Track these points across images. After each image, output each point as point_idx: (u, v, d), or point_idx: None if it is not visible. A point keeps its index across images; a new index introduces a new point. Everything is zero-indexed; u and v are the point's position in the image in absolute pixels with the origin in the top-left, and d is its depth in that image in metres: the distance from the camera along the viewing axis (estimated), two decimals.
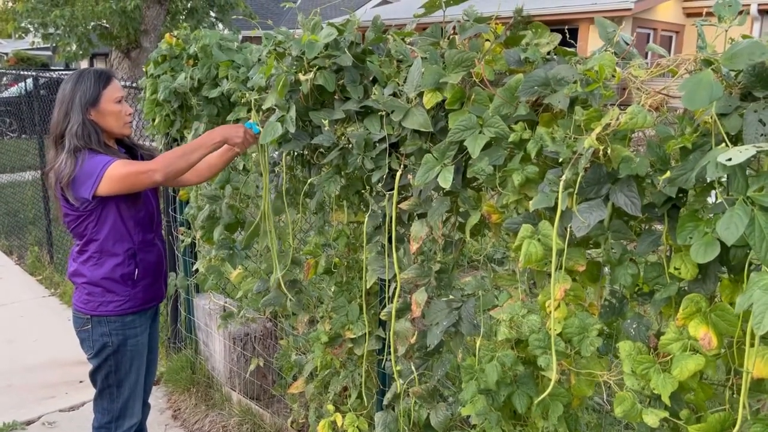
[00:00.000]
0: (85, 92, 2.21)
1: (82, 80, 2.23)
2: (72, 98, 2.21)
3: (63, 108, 2.21)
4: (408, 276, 2.00)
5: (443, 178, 1.69)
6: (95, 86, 2.23)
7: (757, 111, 1.19)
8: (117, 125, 2.28)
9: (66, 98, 2.22)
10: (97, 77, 2.25)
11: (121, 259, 2.30)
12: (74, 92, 2.21)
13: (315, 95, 2.12)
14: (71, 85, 2.23)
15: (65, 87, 2.24)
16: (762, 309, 1.04)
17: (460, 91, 1.70)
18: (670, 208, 1.39)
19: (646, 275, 1.45)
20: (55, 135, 2.22)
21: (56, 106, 2.23)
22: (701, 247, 1.24)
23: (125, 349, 2.34)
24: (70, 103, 2.20)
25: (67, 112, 2.20)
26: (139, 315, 2.38)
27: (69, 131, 2.17)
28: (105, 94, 2.24)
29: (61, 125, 2.20)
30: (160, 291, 2.51)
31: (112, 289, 2.30)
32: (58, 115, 2.22)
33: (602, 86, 1.43)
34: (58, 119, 2.22)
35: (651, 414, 1.37)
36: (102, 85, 2.24)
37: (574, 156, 1.41)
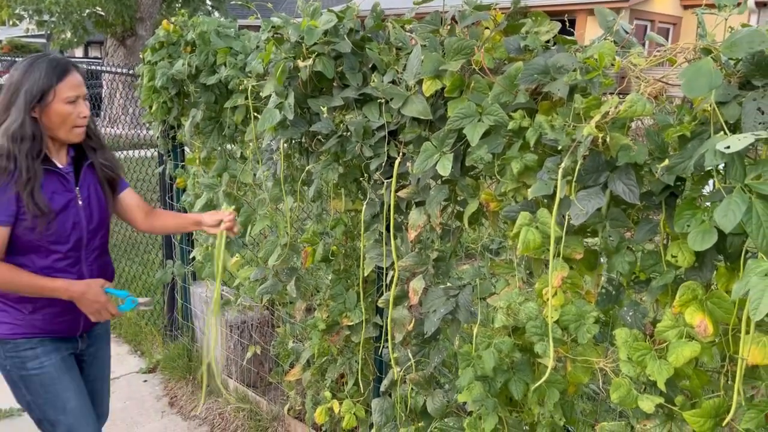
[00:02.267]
0: (33, 85, 1.84)
1: (33, 69, 1.86)
2: (17, 89, 1.85)
3: (5, 99, 1.86)
4: (406, 264, 2.00)
5: (442, 166, 1.69)
6: (46, 78, 1.85)
7: (756, 99, 1.20)
8: (63, 130, 1.91)
9: (11, 88, 1.87)
10: (51, 68, 1.87)
11: None
12: (21, 82, 1.85)
13: (314, 82, 2.12)
14: (20, 73, 1.87)
15: (13, 74, 1.88)
16: (758, 295, 1.05)
17: (459, 78, 1.70)
18: (668, 196, 1.40)
19: (643, 263, 1.45)
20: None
21: (2, 92, 1.89)
22: (698, 235, 1.25)
23: (28, 375, 1.97)
24: (14, 94, 1.85)
25: (8, 105, 1.85)
26: (39, 339, 1.99)
27: (3, 129, 1.84)
28: (57, 90, 1.86)
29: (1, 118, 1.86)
30: (72, 326, 2.05)
31: (4, 309, 1.97)
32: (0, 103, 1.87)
33: (602, 74, 1.43)
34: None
35: (646, 400, 1.38)
36: (56, 78, 1.86)
37: (573, 144, 1.42)
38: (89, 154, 2.05)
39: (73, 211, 1.98)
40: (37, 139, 1.87)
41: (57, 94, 1.86)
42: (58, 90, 1.87)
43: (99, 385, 2.27)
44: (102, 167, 2.08)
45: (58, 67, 1.89)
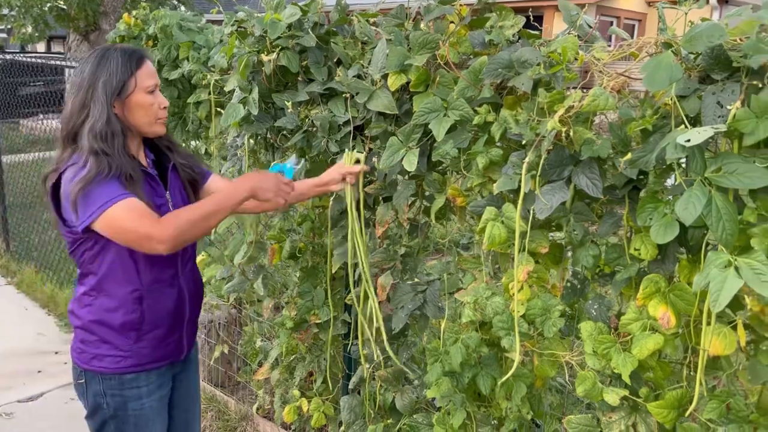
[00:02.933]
0: (111, 77, 1.66)
1: (107, 61, 1.67)
2: (93, 84, 1.65)
3: (80, 97, 1.66)
4: (374, 260, 1.99)
5: (408, 161, 1.68)
6: (124, 69, 1.67)
7: (715, 93, 1.21)
8: (147, 122, 1.72)
9: (84, 84, 1.66)
10: (126, 57, 1.69)
11: (122, 302, 1.71)
12: (96, 77, 1.66)
13: (278, 76, 2.09)
14: (92, 66, 1.67)
15: (84, 69, 1.69)
16: (718, 287, 1.06)
17: (425, 73, 1.69)
18: (631, 189, 1.40)
19: (607, 256, 1.46)
20: (67, 131, 1.67)
21: (70, 94, 1.70)
22: (660, 228, 1.25)
23: (126, 414, 1.77)
24: (90, 90, 1.65)
25: (85, 102, 1.65)
26: (146, 374, 1.79)
27: (88, 128, 1.62)
28: (137, 79, 1.69)
29: (76, 119, 1.65)
30: (178, 347, 1.85)
31: (108, 339, 1.73)
32: (73, 105, 1.67)
33: (565, 69, 1.43)
34: (72, 111, 1.67)
35: (611, 393, 1.39)
36: (133, 67, 1.69)
37: (537, 138, 1.42)
38: (169, 155, 1.85)
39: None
40: (126, 135, 1.68)
41: (138, 83, 1.69)
42: (138, 79, 1.69)
43: (191, 415, 2.03)
44: (183, 168, 1.87)
45: (134, 55, 1.72)
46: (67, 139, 1.68)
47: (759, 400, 1.34)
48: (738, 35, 1.23)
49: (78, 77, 1.69)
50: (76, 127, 1.65)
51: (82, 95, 1.66)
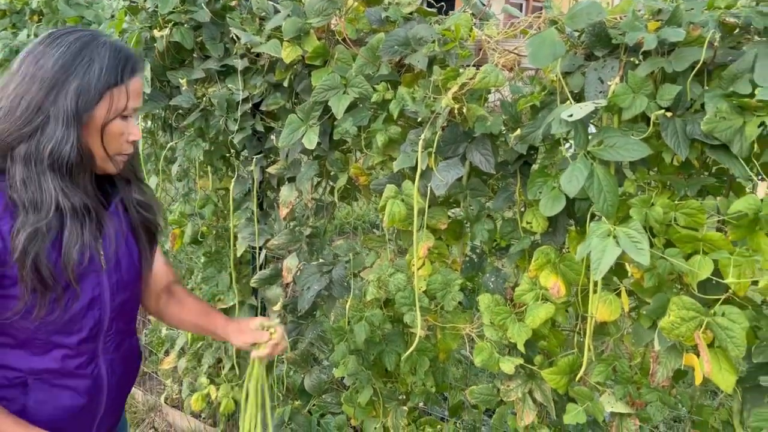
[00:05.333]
0: (90, 82, 1.13)
1: (90, 56, 1.14)
2: (60, 85, 1.12)
3: (33, 96, 1.12)
4: (279, 242, 1.95)
5: (308, 139, 1.65)
6: (110, 75, 1.15)
7: (597, 69, 1.25)
8: (103, 156, 1.21)
9: (46, 79, 1.12)
10: (118, 58, 1.17)
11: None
12: (67, 74, 1.12)
13: (172, 53, 1.99)
14: (64, 56, 1.13)
15: (47, 54, 1.13)
16: (599, 255, 1.11)
17: (322, 47, 1.66)
18: (522, 165, 1.44)
19: (502, 230, 1.50)
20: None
21: (10, 82, 1.14)
22: (549, 201, 1.30)
23: None
24: (53, 92, 1.12)
25: (41, 107, 1.12)
26: None
27: (43, 144, 1.12)
28: (121, 96, 1.18)
29: (16, 127, 1.12)
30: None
31: None
32: (13, 103, 1.13)
33: (458, 46, 1.44)
34: (10, 111, 1.13)
35: (507, 362, 1.44)
36: (125, 75, 1.18)
37: (433, 116, 1.43)
38: (119, 187, 1.33)
39: (93, 278, 1.24)
40: (82, 169, 1.18)
41: (120, 101, 1.18)
42: (124, 95, 1.18)
43: None
44: (137, 207, 1.35)
45: (129, 58, 1.19)
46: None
47: (642, 361, 1.42)
48: (618, 13, 1.28)
49: (33, 63, 1.13)
50: (12, 140, 1.12)
51: (39, 96, 1.12)
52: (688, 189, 1.22)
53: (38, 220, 1.13)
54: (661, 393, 1.32)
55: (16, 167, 1.13)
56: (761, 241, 1.08)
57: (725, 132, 1.11)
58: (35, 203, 1.13)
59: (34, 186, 1.13)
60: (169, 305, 1.52)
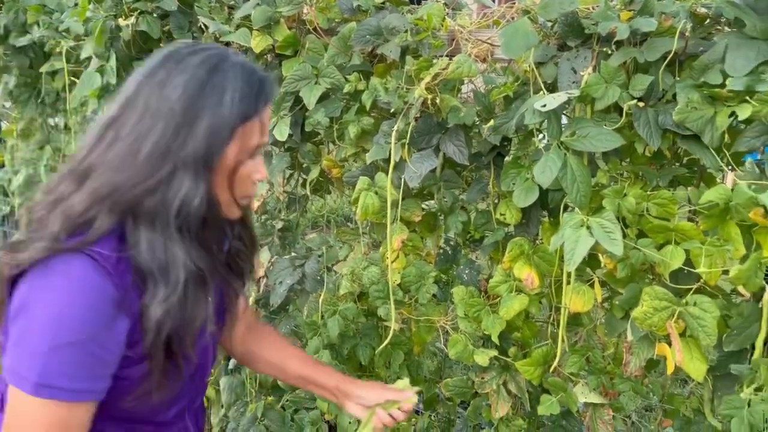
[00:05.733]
0: (223, 113, 0.90)
1: (222, 81, 0.91)
2: (190, 120, 0.89)
3: (163, 136, 0.89)
4: None
5: (279, 131, 1.62)
6: (246, 104, 0.92)
7: (570, 60, 1.25)
8: (226, 202, 0.98)
9: (171, 114, 0.89)
10: (251, 82, 0.94)
11: None
12: (198, 107, 0.89)
13: (139, 43, 1.94)
14: (190, 81, 0.89)
15: (172, 79, 0.89)
16: (572, 246, 1.11)
17: (292, 36, 1.63)
18: (496, 156, 1.44)
19: (476, 222, 1.49)
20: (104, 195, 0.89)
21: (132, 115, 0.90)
22: (522, 192, 1.29)
23: None
24: (183, 130, 0.89)
25: (169, 150, 0.89)
26: None
27: (169, 200, 0.89)
28: (248, 130, 0.94)
29: (147, 177, 0.89)
30: None
31: None
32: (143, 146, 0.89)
33: (431, 36, 1.42)
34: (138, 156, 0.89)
35: (481, 354, 1.43)
36: (260, 103, 0.95)
37: (406, 106, 1.41)
38: (225, 228, 1.10)
39: (202, 343, 1.06)
40: (210, 223, 0.96)
41: (246, 135, 0.94)
42: (258, 126, 0.96)
43: None
44: (237, 254, 1.14)
45: (264, 85, 0.96)
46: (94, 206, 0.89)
47: (615, 352, 1.43)
48: (590, 3, 1.28)
49: (154, 92, 0.89)
50: (136, 196, 0.88)
51: (165, 138, 0.88)
52: (660, 179, 1.23)
53: (169, 294, 0.91)
54: (634, 383, 1.33)
55: (140, 230, 0.90)
56: (731, 230, 1.09)
57: (696, 122, 1.12)
58: (164, 272, 0.91)
59: (161, 251, 0.90)
60: (261, 348, 1.29)
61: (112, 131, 0.91)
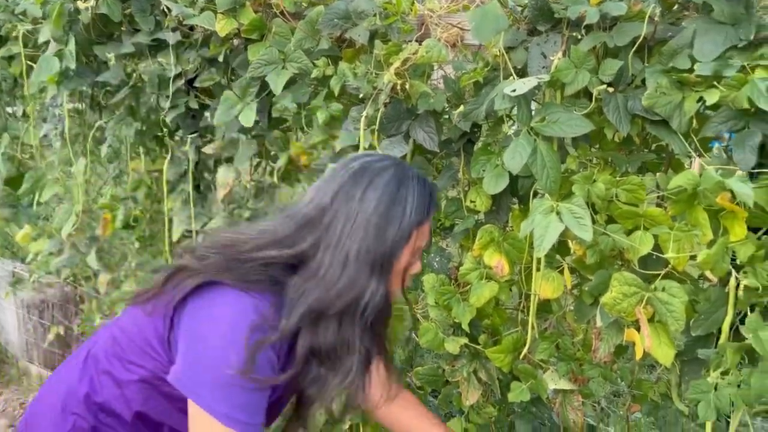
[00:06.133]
0: (403, 223, 1.06)
1: (405, 193, 1.08)
2: (380, 230, 1.05)
3: (362, 249, 1.04)
4: (216, 226, 1.88)
5: (245, 117, 1.58)
6: (419, 213, 1.09)
7: (540, 44, 1.23)
8: (394, 293, 1.17)
9: (371, 226, 1.04)
10: (424, 194, 1.11)
11: None
12: (388, 217, 1.05)
13: (99, 26, 1.87)
14: (382, 194, 1.06)
15: (368, 195, 1.05)
16: (542, 232, 1.10)
17: (258, 20, 1.59)
18: (466, 143, 1.42)
19: (447, 210, 1.48)
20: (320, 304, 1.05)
21: (333, 227, 1.05)
22: (492, 179, 1.28)
23: None
24: (377, 241, 1.05)
25: (371, 260, 1.05)
26: None
27: (359, 301, 1.05)
28: (419, 234, 1.12)
29: (350, 288, 1.04)
30: None
31: None
32: (348, 260, 1.04)
33: (400, 20, 1.40)
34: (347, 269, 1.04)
35: (452, 342, 1.42)
36: (427, 212, 1.12)
37: (375, 92, 1.38)
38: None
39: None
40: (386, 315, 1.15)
41: (418, 238, 1.11)
42: (422, 231, 1.12)
43: None
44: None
45: (433, 194, 1.14)
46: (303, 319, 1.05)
47: (584, 338, 1.43)
48: None
49: (353, 205, 1.04)
50: (342, 302, 1.04)
51: (368, 251, 1.03)
52: (629, 165, 1.23)
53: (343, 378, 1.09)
54: (603, 369, 1.34)
55: (329, 325, 1.06)
56: (699, 215, 1.09)
57: (665, 107, 1.11)
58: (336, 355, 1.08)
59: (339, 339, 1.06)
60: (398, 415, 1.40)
61: (316, 233, 1.05)
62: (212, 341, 1.03)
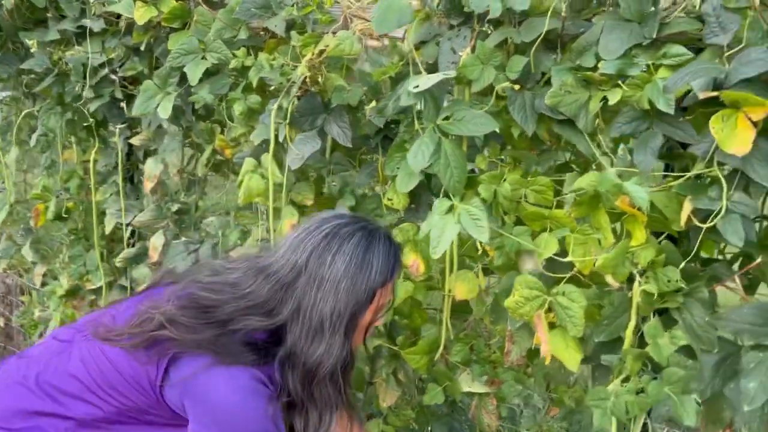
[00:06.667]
0: (367, 283, 1.10)
1: (372, 254, 1.11)
2: (350, 295, 1.10)
3: (333, 311, 1.09)
4: (144, 218, 1.83)
5: (163, 108, 1.53)
6: (383, 273, 1.12)
7: (450, 39, 1.19)
8: (355, 349, 1.23)
9: (341, 291, 1.09)
10: (390, 253, 1.14)
11: None
12: (355, 283, 1.10)
13: (24, 13, 1.81)
14: (350, 256, 1.10)
15: (337, 259, 1.10)
16: (438, 233, 1.07)
17: (180, 8, 1.54)
18: (383, 139, 1.38)
19: (366, 207, 1.44)
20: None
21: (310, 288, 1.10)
22: (405, 177, 1.24)
23: None
24: (345, 305, 1.10)
25: (335, 322, 1.10)
26: None
27: (324, 361, 1.11)
28: (382, 294, 1.16)
29: (319, 345, 1.10)
30: None
31: None
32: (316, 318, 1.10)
33: (317, 11, 1.36)
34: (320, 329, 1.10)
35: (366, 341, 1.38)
36: (393, 272, 1.16)
37: (288, 84, 1.34)
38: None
39: None
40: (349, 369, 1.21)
41: (382, 296, 1.16)
42: (385, 290, 1.16)
43: None
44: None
45: (398, 255, 1.17)
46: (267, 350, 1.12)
47: (501, 340, 1.40)
48: None
49: (323, 267, 1.09)
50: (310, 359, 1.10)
51: (336, 312, 1.09)
52: (540, 165, 1.19)
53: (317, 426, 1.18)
54: (516, 371, 1.31)
55: (293, 378, 1.12)
56: (602, 218, 1.06)
57: (570, 106, 1.08)
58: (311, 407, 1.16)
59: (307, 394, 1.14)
60: None
61: (293, 300, 1.10)
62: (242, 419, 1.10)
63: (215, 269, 1.23)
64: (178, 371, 1.12)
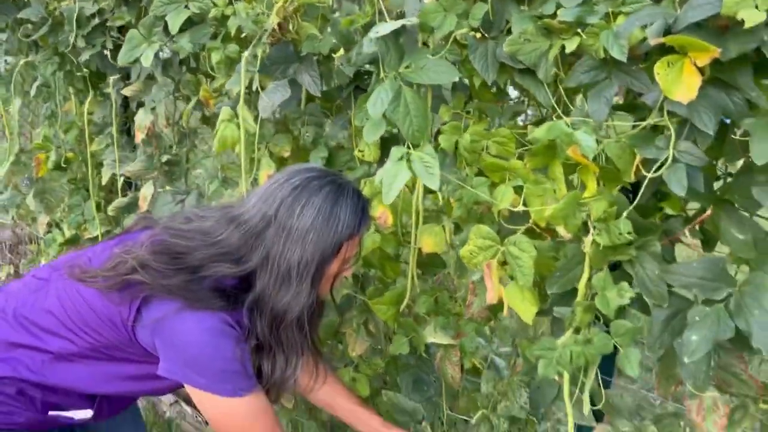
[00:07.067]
0: (334, 235, 1.15)
1: (339, 207, 1.15)
2: (314, 241, 1.14)
3: (301, 260, 1.14)
4: (134, 169, 1.87)
5: (146, 57, 1.55)
6: (350, 225, 1.17)
7: None
8: (322, 297, 1.32)
9: (309, 241, 1.14)
10: (357, 206, 1.19)
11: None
12: (321, 230, 1.14)
13: None
14: (317, 208, 1.14)
15: (306, 212, 1.14)
16: (390, 180, 1.07)
17: None
18: (355, 89, 1.38)
19: (340, 159, 1.45)
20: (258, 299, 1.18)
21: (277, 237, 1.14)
22: (371, 127, 1.24)
23: None
24: (312, 254, 1.14)
25: (301, 270, 1.15)
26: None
27: (292, 307, 1.17)
28: (349, 246, 1.21)
29: (279, 289, 1.16)
30: None
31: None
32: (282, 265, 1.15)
33: None
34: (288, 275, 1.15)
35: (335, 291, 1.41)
36: (360, 224, 1.20)
37: (260, 32, 1.34)
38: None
39: None
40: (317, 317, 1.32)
41: (348, 249, 1.21)
42: (352, 243, 1.21)
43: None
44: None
45: (366, 209, 1.21)
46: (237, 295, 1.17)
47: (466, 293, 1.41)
48: None
49: (292, 218, 1.13)
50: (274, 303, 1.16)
51: (302, 260, 1.14)
52: (501, 117, 1.18)
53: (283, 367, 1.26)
54: (477, 324, 1.32)
55: (261, 323, 1.19)
56: (556, 169, 1.05)
57: (530, 55, 1.06)
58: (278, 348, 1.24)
59: (275, 338, 1.21)
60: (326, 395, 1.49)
61: (262, 248, 1.15)
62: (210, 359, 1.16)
63: (188, 217, 1.27)
64: (149, 312, 1.17)
